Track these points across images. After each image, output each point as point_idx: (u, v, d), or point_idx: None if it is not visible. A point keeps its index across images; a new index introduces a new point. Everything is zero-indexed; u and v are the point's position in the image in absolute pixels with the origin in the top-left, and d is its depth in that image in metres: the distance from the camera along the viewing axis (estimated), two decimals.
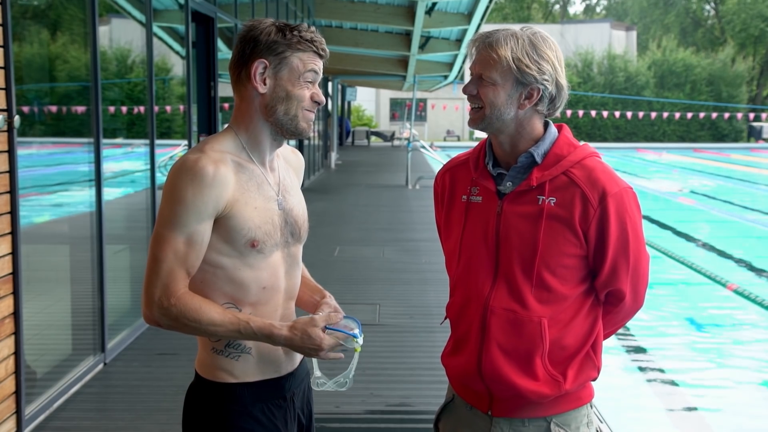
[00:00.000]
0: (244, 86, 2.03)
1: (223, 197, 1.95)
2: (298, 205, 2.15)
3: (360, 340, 2.01)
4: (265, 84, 2.01)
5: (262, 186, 2.04)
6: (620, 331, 7.55)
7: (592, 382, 2.14)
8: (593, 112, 42.09)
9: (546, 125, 2.08)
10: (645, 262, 2.07)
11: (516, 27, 2.04)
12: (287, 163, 2.22)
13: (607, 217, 1.96)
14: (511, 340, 2.01)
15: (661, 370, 6.75)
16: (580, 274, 2.03)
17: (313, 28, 2.05)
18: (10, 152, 3.99)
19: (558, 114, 2.09)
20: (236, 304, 2.02)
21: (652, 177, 23.71)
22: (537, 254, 1.98)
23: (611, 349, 7.09)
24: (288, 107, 2.02)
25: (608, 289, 2.06)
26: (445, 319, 2.23)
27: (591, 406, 2.13)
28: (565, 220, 1.97)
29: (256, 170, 2.05)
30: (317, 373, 2.13)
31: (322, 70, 2.07)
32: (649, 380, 6.54)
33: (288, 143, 2.25)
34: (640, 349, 7.26)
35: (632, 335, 7.55)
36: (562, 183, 1.99)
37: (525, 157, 2.03)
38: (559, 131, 2.08)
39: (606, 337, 2.19)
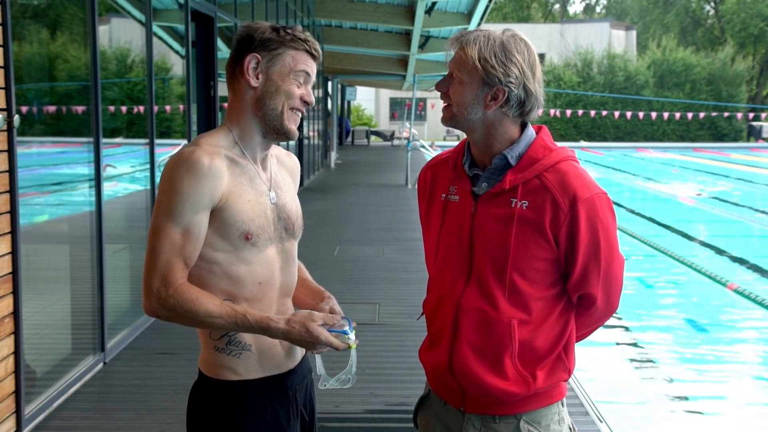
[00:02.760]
0: (237, 81, 2.08)
1: (218, 188, 1.98)
2: (291, 202, 2.18)
3: (351, 336, 2.03)
4: (257, 78, 2.05)
5: (255, 180, 2.08)
6: (620, 330, 7.56)
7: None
8: (593, 112, 42.07)
9: (524, 127, 2.07)
10: (618, 266, 2.07)
11: (497, 28, 2.05)
12: (281, 164, 2.25)
13: (578, 222, 1.96)
14: (481, 339, 2.03)
15: (661, 370, 6.75)
16: (551, 277, 2.03)
17: (307, 33, 2.09)
18: (10, 152, 3.99)
19: (539, 113, 2.09)
20: (233, 300, 2.05)
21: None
22: (508, 257, 1.99)
23: (610, 349, 7.09)
24: (276, 102, 2.05)
25: (579, 292, 2.06)
26: (422, 315, 2.25)
27: (563, 404, 2.14)
28: (536, 224, 1.98)
29: (249, 165, 2.08)
30: (321, 372, 2.14)
31: (314, 72, 2.11)
32: (649, 380, 6.54)
33: (280, 145, 2.27)
34: (639, 349, 7.26)
35: (632, 334, 7.56)
36: (535, 186, 1.99)
37: (499, 159, 2.04)
38: (537, 133, 2.08)
39: (581, 339, 2.19)
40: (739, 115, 45.26)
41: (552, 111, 41.42)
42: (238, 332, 2.04)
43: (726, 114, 43.61)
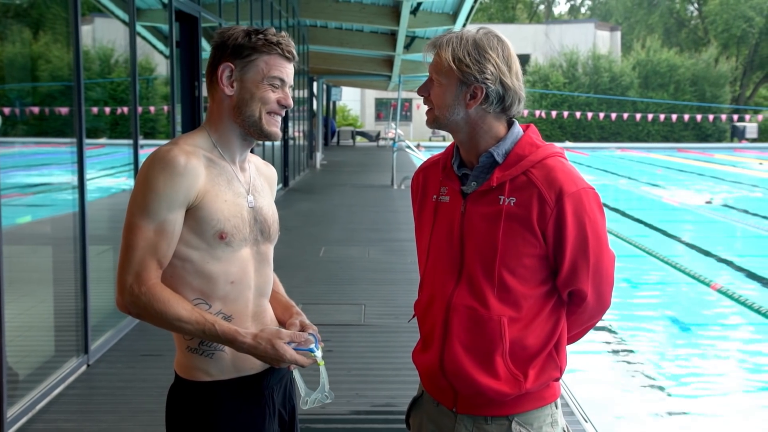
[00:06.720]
0: (215, 89, 2.11)
1: (194, 187, 2.00)
2: (268, 207, 2.20)
3: (318, 354, 2.04)
4: (232, 87, 2.08)
5: (232, 182, 2.10)
6: (605, 330, 7.59)
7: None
8: (578, 113, 42.22)
9: (510, 125, 2.09)
10: (608, 262, 2.07)
11: (471, 29, 2.08)
12: (259, 172, 2.27)
13: (564, 217, 1.97)
14: (472, 337, 2.04)
15: (646, 369, 6.78)
16: (541, 274, 2.04)
17: (283, 33, 2.10)
18: None
19: (524, 114, 2.10)
20: (206, 299, 2.06)
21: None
22: (497, 254, 2.00)
23: (596, 349, 7.12)
24: (252, 109, 2.08)
25: (569, 288, 2.06)
26: (413, 317, 2.26)
27: (556, 406, 2.14)
28: (524, 221, 1.99)
29: (227, 167, 2.11)
30: (303, 392, 2.12)
31: (290, 75, 2.12)
32: (633, 380, 6.56)
33: (255, 152, 2.28)
34: (624, 349, 7.29)
35: (616, 335, 7.59)
36: (522, 183, 2.00)
37: (486, 157, 2.05)
38: (524, 131, 2.10)
39: (575, 339, 2.19)
40: (723, 116, 45.54)
41: (537, 112, 41.55)
42: (206, 339, 2.04)
43: (710, 115, 43.84)
